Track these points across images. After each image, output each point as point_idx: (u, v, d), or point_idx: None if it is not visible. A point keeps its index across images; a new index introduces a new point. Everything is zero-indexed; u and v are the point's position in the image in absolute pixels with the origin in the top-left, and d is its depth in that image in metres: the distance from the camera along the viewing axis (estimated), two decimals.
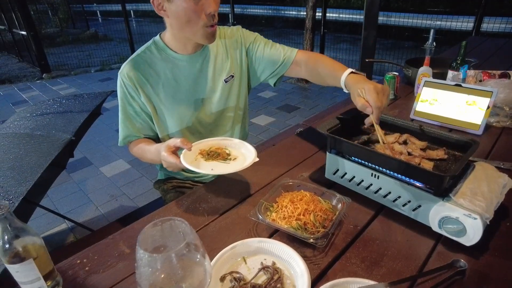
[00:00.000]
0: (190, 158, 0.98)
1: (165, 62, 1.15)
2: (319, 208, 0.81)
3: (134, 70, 1.12)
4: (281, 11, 10.12)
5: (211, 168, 0.95)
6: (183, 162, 0.91)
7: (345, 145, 0.92)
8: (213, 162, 0.98)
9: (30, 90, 5.77)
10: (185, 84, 1.17)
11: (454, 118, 1.33)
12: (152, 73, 1.14)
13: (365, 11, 3.62)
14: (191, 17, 1.00)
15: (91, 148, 3.39)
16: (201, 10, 1.00)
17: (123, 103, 1.16)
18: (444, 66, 1.73)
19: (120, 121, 1.18)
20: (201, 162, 0.98)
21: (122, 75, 1.13)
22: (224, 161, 0.99)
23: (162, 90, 1.15)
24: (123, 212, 2.45)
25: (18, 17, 6.26)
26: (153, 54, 1.15)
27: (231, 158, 1.00)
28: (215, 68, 1.20)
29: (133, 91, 1.13)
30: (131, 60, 1.14)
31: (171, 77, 1.15)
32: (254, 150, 0.99)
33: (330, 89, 4.77)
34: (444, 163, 0.90)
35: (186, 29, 1.05)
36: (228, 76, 1.22)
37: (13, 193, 1.19)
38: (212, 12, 1.00)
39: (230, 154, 1.02)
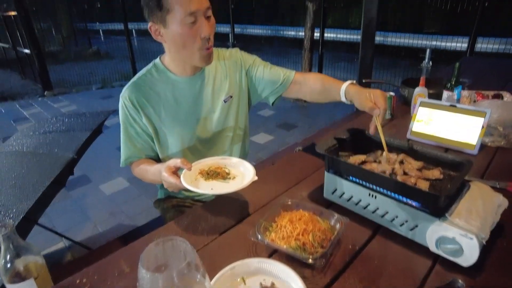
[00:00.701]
0: (190, 178, 1.00)
1: (166, 84, 1.18)
2: (317, 228, 0.82)
3: (135, 92, 1.15)
4: (280, 31, 10.35)
5: (211, 188, 0.97)
6: (183, 182, 0.93)
7: (343, 165, 0.94)
8: (212, 181, 1.00)
9: (31, 107, 5.82)
10: (185, 105, 1.20)
11: (449, 138, 1.35)
12: (153, 95, 1.17)
13: (362, 31, 3.72)
14: (186, 41, 1.04)
15: (91, 165, 3.39)
16: (196, 34, 1.03)
17: (125, 124, 1.19)
18: (439, 87, 1.78)
19: (122, 142, 1.21)
20: (201, 182, 1.00)
21: (124, 98, 1.16)
22: (224, 181, 1.00)
23: (163, 111, 1.18)
24: (122, 231, 2.44)
25: (23, 35, 6.39)
26: (154, 76, 1.18)
27: (230, 177, 1.02)
28: (214, 88, 1.23)
29: (135, 113, 1.16)
30: (132, 83, 1.18)
31: (172, 99, 1.18)
32: (253, 168, 1.01)
33: (328, 107, 4.83)
34: (440, 183, 0.91)
35: (183, 53, 1.09)
36: (227, 96, 1.25)
37: (13, 211, 1.20)
38: (206, 36, 1.04)
39: (230, 173, 1.04)
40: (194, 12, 1.00)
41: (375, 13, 3.63)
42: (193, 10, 0.99)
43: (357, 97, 1.07)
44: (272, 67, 1.31)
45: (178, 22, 1.00)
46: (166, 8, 0.99)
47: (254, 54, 1.36)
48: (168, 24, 1.02)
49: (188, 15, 0.99)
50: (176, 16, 0.99)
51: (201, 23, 1.02)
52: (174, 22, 1.01)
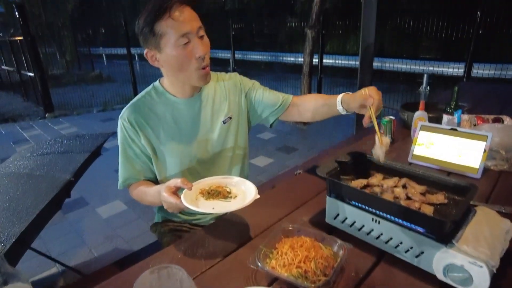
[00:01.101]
0: (191, 198, 0.98)
1: (165, 105, 1.19)
2: (320, 255, 0.79)
3: (134, 113, 1.16)
4: (280, 57, 10.60)
5: (212, 207, 0.95)
6: (183, 202, 0.91)
7: (345, 189, 0.92)
8: (213, 201, 0.98)
9: (31, 129, 5.84)
10: (184, 126, 1.20)
11: (451, 161, 1.34)
12: (152, 116, 1.17)
13: (360, 57, 3.79)
14: (182, 63, 1.06)
15: (89, 187, 3.35)
16: (191, 54, 1.05)
17: (124, 146, 1.18)
18: (439, 111, 1.78)
19: (120, 164, 1.19)
20: (202, 202, 0.98)
21: (123, 119, 1.16)
22: (225, 200, 0.99)
23: (162, 132, 1.18)
24: (118, 255, 2.37)
25: (28, 59, 6.51)
26: (153, 98, 1.19)
27: (231, 196, 1.00)
28: (213, 109, 1.24)
29: (133, 134, 1.16)
30: (131, 104, 1.18)
31: (171, 120, 1.18)
32: (255, 187, 0.99)
33: (328, 130, 4.85)
34: (445, 207, 0.89)
35: (180, 74, 1.11)
36: (226, 118, 1.25)
37: (5, 235, 1.16)
38: (201, 55, 1.06)
39: (231, 192, 1.02)
40: (187, 33, 1.02)
41: (372, 39, 3.72)
42: (185, 31, 1.01)
43: (352, 98, 1.08)
44: (270, 91, 1.33)
45: (172, 45, 1.03)
46: (159, 33, 1.02)
47: (254, 79, 1.39)
48: (163, 48, 1.04)
49: (180, 37, 1.01)
50: (170, 39, 1.02)
51: (194, 43, 1.04)
52: (168, 46, 1.03)
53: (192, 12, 1.05)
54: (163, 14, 0.99)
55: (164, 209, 1.32)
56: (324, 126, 5.05)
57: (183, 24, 1.01)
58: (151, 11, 1.01)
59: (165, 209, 1.32)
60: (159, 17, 1.00)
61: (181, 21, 1.00)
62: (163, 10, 0.99)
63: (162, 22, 1.00)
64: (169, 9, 0.99)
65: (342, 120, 5.27)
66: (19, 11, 5.88)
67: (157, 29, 1.01)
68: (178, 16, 1.00)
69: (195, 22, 1.04)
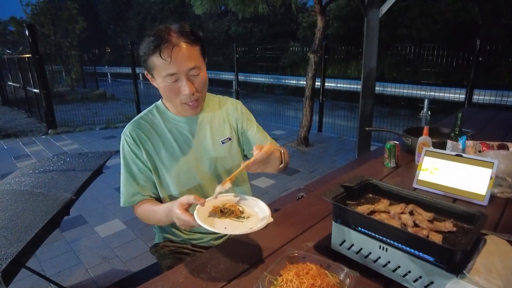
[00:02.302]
0: (203, 215, 0.95)
1: (166, 123, 1.21)
2: (326, 283, 0.77)
3: (136, 129, 1.18)
4: (282, 79, 10.76)
5: (225, 227, 0.93)
6: (196, 219, 0.89)
7: (351, 215, 0.90)
8: (226, 219, 0.96)
9: (34, 145, 5.85)
10: (184, 145, 1.21)
11: (457, 187, 1.32)
12: (153, 133, 1.20)
13: (363, 81, 3.83)
14: (169, 94, 1.11)
15: (88, 206, 3.31)
16: (178, 91, 1.09)
17: (127, 161, 1.18)
18: (442, 136, 1.78)
19: (124, 180, 1.18)
20: (214, 220, 0.96)
21: (125, 135, 1.18)
22: (238, 219, 0.96)
23: (162, 150, 1.19)
24: (114, 277, 2.31)
25: (34, 76, 6.62)
26: (155, 116, 1.22)
27: (244, 216, 0.98)
28: (212, 129, 1.25)
29: (136, 148, 1.17)
30: (134, 121, 1.21)
31: (171, 138, 1.20)
32: (268, 209, 0.96)
33: (330, 153, 4.84)
34: (453, 235, 0.87)
35: (169, 102, 1.18)
36: (226, 139, 1.27)
37: (2, 254, 1.14)
38: (187, 94, 1.08)
39: (244, 212, 1.00)
40: (174, 74, 1.05)
41: (374, 63, 3.78)
42: (172, 72, 1.04)
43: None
44: (262, 132, 1.36)
45: (161, 79, 1.07)
46: (151, 65, 1.07)
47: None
48: (155, 76, 1.09)
49: (168, 75, 1.05)
50: (159, 74, 1.06)
51: (182, 82, 1.07)
52: (159, 78, 1.08)
53: (186, 51, 1.05)
54: (154, 51, 1.03)
55: (164, 228, 1.30)
56: (326, 149, 5.05)
57: (171, 65, 1.03)
58: (147, 43, 1.05)
59: (165, 229, 1.30)
60: (151, 52, 1.04)
61: (170, 62, 1.03)
62: (155, 46, 1.02)
63: (153, 57, 1.04)
64: (159, 48, 1.02)
65: (344, 144, 5.28)
66: (29, 31, 6.04)
67: (149, 61, 1.06)
68: (167, 57, 1.02)
69: (187, 63, 1.05)
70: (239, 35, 16.36)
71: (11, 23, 14.16)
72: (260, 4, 4.62)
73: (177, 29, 1.06)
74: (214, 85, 12.52)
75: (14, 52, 10.01)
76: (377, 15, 3.68)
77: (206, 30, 17.88)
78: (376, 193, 1.07)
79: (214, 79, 12.84)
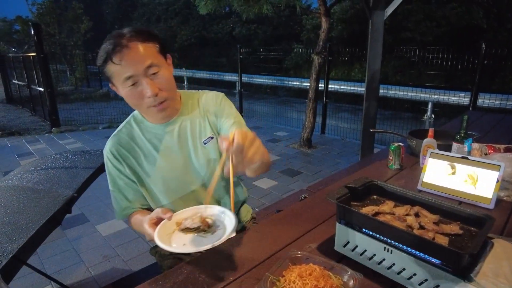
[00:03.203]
0: (168, 230, 0.93)
1: (144, 134, 1.16)
2: (329, 285, 0.75)
3: (116, 145, 1.14)
4: (285, 81, 10.75)
5: (184, 243, 0.89)
6: (155, 236, 0.86)
7: (356, 216, 0.89)
8: (190, 234, 0.92)
9: (37, 143, 5.87)
10: (167, 153, 1.15)
11: (462, 190, 1.31)
12: (133, 146, 1.15)
13: (367, 83, 3.81)
14: (134, 101, 1.04)
15: (90, 204, 3.31)
16: (141, 94, 1.02)
17: (112, 177, 1.16)
18: (447, 139, 1.76)
19: (113, 196, 1.17)
20: (177, 235, 0.92)
21: (106, 152, 1.15)
22: (203, 234, 0.92)
23: (144, 162, 1.15)
24: (115, 276, 2.30)
25: (39, 75, 6.66)
26: (133, 128, 1.17)
27: (210, 232, 0.93)
28: (192, 131, 1.17)
29: (118, 164, 1.14)
30: (113, 136, 1.17)
31: (152, 148, 1.15)
32: (235, 220, 0.88)
33: (333, 155, 4.82)
34: (460, 238, 0.85)
35: (138, 109, 1.12)
36: (207, 138, 1.18)
37: (2, 250, 1.13)
38: (151, 95, 1.01)
39: (212, 226, 0.95)
40: (130, 77, 0.99)
41: (379, 65, 3.76)
42: (128, 75, 0.98)
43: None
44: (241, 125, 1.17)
45: (121, 86, 1.02)
46: (108, 74, 1.02)
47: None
48: (116, 85, 1.03)
49: (125, 80, 0.99)
50: (117, 81, 1.01)
51: (142, 84, 1.00)
52: (118, 85, 1.02)
53: (139, 50, 0.98)
54: (105, 58, 0.98)
55: None
56: (329, 151, 5.03)
57: (124, 68, 0.97)
58: (100, 52, 1.00)
59: None
60: (103, 60, 0.99)
61: (123, 65, 0.97)
62: (106, 53, 0.97)
63: (107, 65, 0.99)
64: (109, 54, 0.97)
65: (347, 146, 5.25)
66: (34, 29, 6.07)
67: (106, 70, 1.01)
68: (119, 60, 0.96)
69: (141, 62, 0.98)
70: (242, 36, 16.39)
71: (17, 22, 14.27)
72: (264, 5, 4.61)
73: (128, 30, 1.00)
74: (217, 86, 12.53)
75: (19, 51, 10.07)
76: (382, 17, 3.67)
77: (210, 32, 17.93)
78: (381, 195, 1.06)
79: (217, 80, 12.86)
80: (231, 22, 17.42)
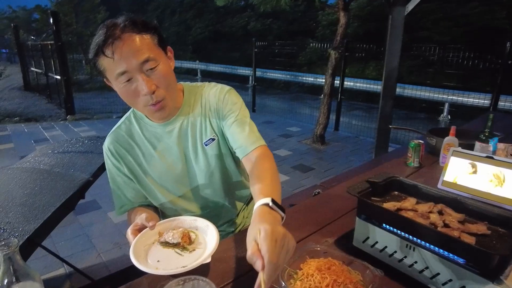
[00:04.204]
0: (148, 240, 0.89)
1: (144, 131, 1.09)
2: (349, 280, 0.73)
3: (114, 142, 1.09)
4: (299, 77, 10.64)
5: (158, 260, 0.84)
6: (131, 248, 0.83)
7: (378, 211, 0.86)
8: (167, 249, 0.87)
9: (52, 130, 5.97)
10: (165, 153, 1.10)
11: (486, 191, 1.26)
12: (132, 144, 1.09)
13: (383, 81, 3.74)
14: (128, 98, 0.95)
15: (102, 191, 3.35)
16: (136, 91, 0.93)
17: (112, 174, 1.12)
18: (468, 138, 1.71)
19: (112, 192, 1.13)
20: (155, 248, 0.88)
21: (105, 148, 1.11)
22: (180, 251, 0.86)
23: (143, 161, 1.10)
24: (125, 263, 2.32)
25: (56, 63, 6.76)
26: (132, 124, 1.10)
27: (188, 250, 0.86)
28: (193, 132, 1.09)
29: (117, 162, 1.09)
30: (112, 132, 1.11)
31: (151, 148, 1.09)
32: (216, 241, 0.83)
33: (346, 153, 4.76)
34: (487, 239, 0.81)
35: (134, 107, 1.03)
36: (208, 139, 1.09)
37: (19, 230, 1.14)
38: (146, 93, 0.91)
39: (194, 242, 0.89)
40: (124, 72, 0.89)
41: (396, 63, 3.68)
42: (121, 70, 0.89)
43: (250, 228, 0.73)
44: (241, 125, 1.05)
45: (114, 81, 0.93)
46: (101, 68, 0.93)
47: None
48: (110, 80, 0.95)
49: (119, 75, 0.90)
50: (111, 75, 0.92)
51: (138, 80, 0.91)
52: (112, 81, 0.94)
53: (134, 43, 0.89)
54: (97, 51, 0.89)
55: None
56: (342, 148, 4.97)
57: (118, 63, 0.88)
58: (92, 44, 0.91)
59: None
60: (95, 53, 0.90)
61: (116, 59, 0.87)
62: (97, 45, 0.88)
63: (99, 59, 0.90)
64: (101, 46, 0.88)
65: (361, 144, 5.18)
66: (53, 18, 6.15)
67: (98, 64, 0.92)
68: (111, 53, 0.87)
69: (136, 57, 0.88)
70: (257, 31, 16.29)
71: (36, 11, 14.50)
72: None
73: (122, 20, 0.90)
74: (230, 80, 12.52)
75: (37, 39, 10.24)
76: (402, 14, 3.57)
77: (224, 25, 17.89)
78: (402, 191, 1.03)
79: (230, 74, 12.84)
80: (246, 16, 17.34)
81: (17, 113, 7.29)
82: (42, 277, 1.95)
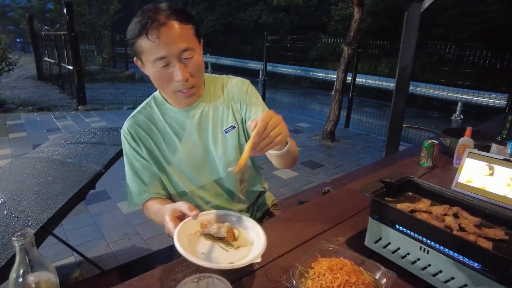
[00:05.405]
0: (190, 230, 0.84)
1: (165, 116, 1.11)
2: (361, 281, 0.72)
3: (134, 125, 1.10)
4: (310, 72, 10.54)
5: (202, 251, 0.80)
6: (175, 235, 0.78)
7: (392, 212, 0.85)
8: (212, 242, 0.83)
9: (64, 119, 6.05)
10: (186, 139, 1.11)
11: (502, 194, 1.23)
12: (153, 128, 1.11)
13: (397, 78, 3.68)
14: (161, 82, 0.99)
15: (112, 181, 3.39)
16: (170, 77, 0.96)
17: (129, 158, 1.11)
18: (483, 139, 1.67)
19: (129, 179, 1.12)
20: (198, 240, 0.84)
21: (124, 132, 1.10)
22: (225, 247, 0.83)
23: (164, 146, 1.11)
24: (134, 254, 2.35)
25: (69, 53, 6.82)
26: (153, 109, 1.12)
27: (233, 246, 0.83)
28: (214, 119, 1.12)
29: (136, 146, 1.09)
30: (132, 116, 1.12)
31: (172, 133, 1.11)
32: (265, 241, 0.80)
33: (356, 150, 4.72)
34: (505, 245, 0.80)
35: (162, 91, 1.08)
36: (229, 127, 1.12)
37: (33, 219, 1.16)
38: (180, 80, 0.95)
39: (238, 239, 0.85)
40: (163, 57, 0.93)
41: (411, 60, 3.61)
42: (161, 55, 0.92)
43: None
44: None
45: (151, 65, 0.96)
46: (139, 49, 0.95)
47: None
48: (144, 62, 0.98)
49: (157, 59, 0.93)
50: (148, 58, 0.95)
51: (174, 66, 0.95)
52: (147, 63, 0.97)
53: (177, 31, 0.92)
54: (140, 33, 0.91)
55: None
56: (353, 145, 4.93)
57: (160, 47, 0.91)
58: (133, 25, 0.93)
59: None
60: (137, 34, 0.92)
61: (159, 43, 0.90)
62: (141, 27, 0.91)
63: (140, 40, 0.92)
64: (146, 28, 0.90)
65: (371, 141, 5.13)
66: (67, 8, 6.19)
67: (137, 45, 0.95)
68: (155, 38, 0.90)
69: (177, 45, 0.92)
70: (269, 24, 16.15)
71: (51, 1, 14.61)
72: None
73: (166, 7, 0.93)
74: (241, 74, 12.50)
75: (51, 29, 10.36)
76: (419, 10, 3.49)
77: (236, 18, 17.79)
78: (416, 192, 1.01)
79: (241, 68, 12.80)
80: (258, 9, 17.20)
81: (31, 102, 7.40)
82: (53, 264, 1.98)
